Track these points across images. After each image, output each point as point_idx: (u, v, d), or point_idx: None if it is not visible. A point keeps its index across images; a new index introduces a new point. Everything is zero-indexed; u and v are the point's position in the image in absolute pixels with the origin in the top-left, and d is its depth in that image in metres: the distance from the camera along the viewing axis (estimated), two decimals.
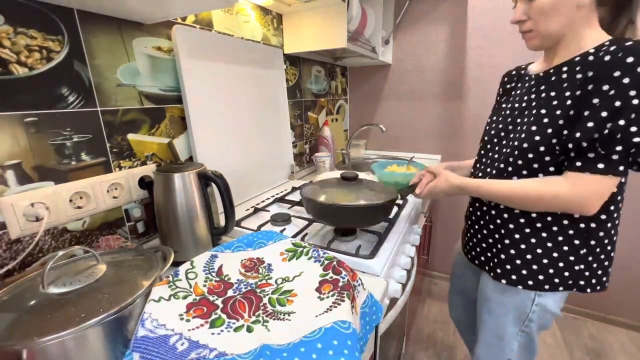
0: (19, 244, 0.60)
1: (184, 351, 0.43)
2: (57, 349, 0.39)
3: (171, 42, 0.84)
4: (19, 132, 0.58)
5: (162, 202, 0.71)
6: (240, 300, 0.52)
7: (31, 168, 0.61)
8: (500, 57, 1.57)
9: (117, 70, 0.73)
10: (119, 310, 0.43)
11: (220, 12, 0.98)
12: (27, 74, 0.59)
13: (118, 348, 0.44)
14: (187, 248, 0.73)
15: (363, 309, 0.56)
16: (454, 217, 1.90)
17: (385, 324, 0.73)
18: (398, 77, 1.86)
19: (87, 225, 0.71)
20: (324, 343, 0.43)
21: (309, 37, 1.24)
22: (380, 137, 2.01)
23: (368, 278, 0.66)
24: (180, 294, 0.51)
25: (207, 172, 0.73)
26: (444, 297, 1.95)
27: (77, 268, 0.51)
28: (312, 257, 0.60)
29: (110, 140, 0.73)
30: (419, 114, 1.86)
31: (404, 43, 1.78)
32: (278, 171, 1.31)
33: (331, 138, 1.58)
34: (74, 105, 0.66)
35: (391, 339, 0.96)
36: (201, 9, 0.84)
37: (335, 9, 1.14)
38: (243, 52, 1.05)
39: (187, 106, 0.86)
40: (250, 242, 0.66)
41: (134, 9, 0.70)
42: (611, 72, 0.58)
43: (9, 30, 0.56)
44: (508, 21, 0.79)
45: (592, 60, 0.62)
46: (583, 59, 0.64)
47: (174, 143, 0.89)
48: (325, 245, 0.75)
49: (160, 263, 0.55)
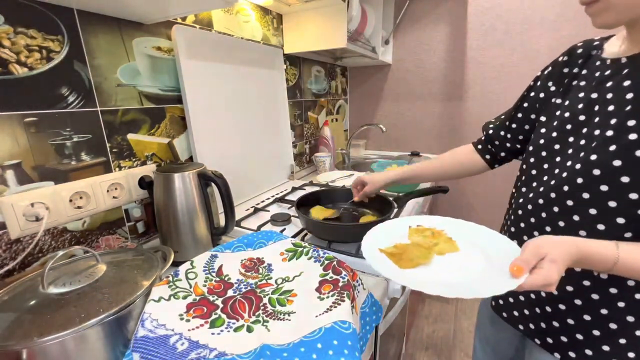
0: (19, 244, 0.60)
1: (184, 351, 0.43)
2: (57, 349, 0.39)
3: (171, 42, 0.84)
4: (19, 132, 0.58)
5: (162, 202, 0.71)
6: (240, 300, 0.52)
7: (31, 168, 0.61)
8: (500, 57, 1.57)
9: (117, 70, 0.73)
10: (119, 310, 0.43)
11: (220, 12, 0.98)
12: (27, 74, 0.59)
13: (118, 348, 0.44)
14: (187, 248, 0.73)
15: (363, 309, 0.56)
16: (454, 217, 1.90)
17: (385, 324, 0.73)
18: (398, 77, 1.86)
19: (87, 225, 0.71)
20: (324, 343, 0.43)
21: (309, 37, 1.24)
22: (380, 137, 2.01)
23: (368, 278, 0.66)
24: (180, 294, 0.51)
25: (207, 172, 0.73)
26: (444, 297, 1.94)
27: (77, 268, 0.51)
28: (312, 257, 0.60)
29: (110, 140, 0.73)
30: (419, 114, 1.86)
31: (404, 43, 1.78)
32: (278, 171, 1.31)
33: (331, 138, 1.58)
34: (74, 105, 0.66)
35: (391, 339, 0.96)
36: (201, 9, 0.84)
37: (335, 9, 1.14)
38: (243, 52, 1.05)
39: (187, 106, 0.86)
40: (250, 242, 0.66)
41: (134, 9, 0.70)
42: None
43: (9, 30, 0.56)
44: (508, 21, 0.75)
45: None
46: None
47: (174, 143, 0.89)
48: (325, 245, 0.75)
49: (160, 263, 0.55)
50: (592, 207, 0.47)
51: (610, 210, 0.45)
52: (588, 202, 0.47)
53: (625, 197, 0.44)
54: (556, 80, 0.60)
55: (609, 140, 0.45)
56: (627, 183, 0.43)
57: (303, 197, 0.88)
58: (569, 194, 0.49)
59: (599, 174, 0.45)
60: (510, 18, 1.49)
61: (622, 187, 0.44)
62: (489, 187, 1.78)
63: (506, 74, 1.57)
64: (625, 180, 0.43)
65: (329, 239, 0.76)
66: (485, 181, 1.78)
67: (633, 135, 0.43)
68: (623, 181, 0.43)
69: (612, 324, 0.49)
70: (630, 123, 0.43)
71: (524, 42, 1.48)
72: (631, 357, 0.49)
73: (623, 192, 0.44)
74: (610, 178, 0.44)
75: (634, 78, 0.46)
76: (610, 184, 0.45)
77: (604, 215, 0.46)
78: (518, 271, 0.40)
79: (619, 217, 0.45)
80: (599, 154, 0.46)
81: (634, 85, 0.45)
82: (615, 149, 0.44)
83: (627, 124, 0.44)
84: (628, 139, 0.43)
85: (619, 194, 0.44)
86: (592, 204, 0.47)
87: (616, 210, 0.45)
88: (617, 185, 0.44)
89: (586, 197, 0.47)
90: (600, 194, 0.46)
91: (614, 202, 0.45)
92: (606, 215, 0.46)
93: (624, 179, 0.43)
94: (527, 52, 1.49)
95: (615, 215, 0.45)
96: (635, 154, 0.42)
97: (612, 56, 0.51)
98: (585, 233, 0.48)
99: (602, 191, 0.45)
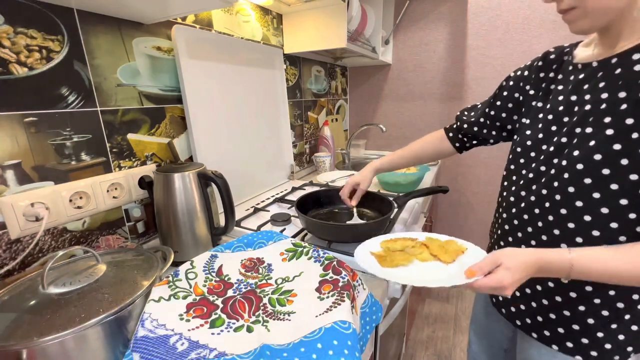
0: (19, 244, 0.60)
1: (184, 351, 0.43)
2: (57, 349, 0.39)
3: (171, 42, 0.84)
4: (19, 132, 0.58)
5: (162, 202, 0.71)
6: (240, 300, 0.52)
7: (31, 168, 0.61)
8: (500, 57, 1.57)
9: (117, 70, 0.73)
10: (119, 310, 0.43)
11: (220, 12, 0.98)
12: (27, 73, 0.59)
13: (118, 348, 0.44)
14: (187, 248, 0.73)
15: (363, 309, 0.56)
16: (454, 217, 1.90)
17: (385, 324, 0.73)
18: (398, 77, 1.86)
19: (87, 225, 0.71)
20: (324, 343, 0.43)
21: (309, 37, 1.24)
22: (380, 137, 2.01)
23: (368, 278, 0.66)
24: (180, 294, 0.51)
25: (207, 172, 0.73)
26: (444, 297, 1.95)
27: (77, 268, 0.51)
28: (312, 257, 0.60)
29: (110, 140, 0.73)
30: (419, 114, 1.86)
31: (404, 43, 1.79)
32: (278, 171, 1.31)
33: (331, 138, 1.58)
34: (73, 105, 0.66)
35: (391, 339, 0.96)
36: (201, 9, 0.84)
37: (335, 9, 1.14)
38: (243, 52, 1.05)
39: (187, 106, 0.86)
40: (250, 242, 0.66)
41: (134, 9, 0.69)
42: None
43: (8, 30, 0.56)
44: (508, 21, 0.77)
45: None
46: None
47: (174, 143, 0.89)
48: (325, 245, 0.75)
49: (160, 263, 0.55)
50: (578, 200, 0.51)
51: (594, 201, 0.50)
52: (574, 196, 0.51)
53: (608, 188, 0.48)
54: (534, 84, 0.65)
55: (588, 136, 0.50)
56: (607, 175, 0.47)
57: (303, 197, 0.88)
58: (557, 189, 0.53)
59: (582, 168, 0.50)
60: (510, 18, 1.49)
61: (603, 179, 0.48)
62: (488, 187, 1.78)
63: (506, 74, 1.56)
64: (606, 172, 0.47)
65: (329, 239, 0.76)
66: (485, 181, 1.78)
67: (610, 131, 0.47)
68: (604, 173, 0.48)
69: (604, 311, 0.53)
70: (606, 120, 0.48)
71: (523, 42, 1.49)
72: (621, 339, 0.54)
73: (605, 183, 0.48)
74: (593, 171, 0.49)
75: (607, 79, 0.50)
76: (592, 176, 0.49)
77: (590, 207, 0.50)
78: (470, 273, 0.47)
79: (603, 208, 0.49)
80: (580, 149, 0.50)
81: (607, 86, 0.49)
82: (595, 144, 0.48)
83: (603, 120, 0.48)
84: (605, 134, 0.47)
85: (602, 184, 0.48)
86: (578, 197, 0.51)
87: (599, 201, 0.49)
88: (599, 177, 0.48)
89: (572, 191, 0.52)
90: (585, 187, 0.50)
91: (597, 194, 0.49)
92: (591, 206, 0.50)
93: (605, 171, 0.48)
94: (527, 52, 1.49)
95: (600, 205, 0.49)
96: (613, 147, 0.46)
97: (583, 61, 0.56)
98: (574, 225, 0.52)
99: (586, 184, 0.50)
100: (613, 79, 0.49)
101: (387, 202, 0.85)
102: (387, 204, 0.84)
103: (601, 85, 0.50)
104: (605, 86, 0.50)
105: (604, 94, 0.49)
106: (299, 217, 0.81)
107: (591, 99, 0.51)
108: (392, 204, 0.83)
